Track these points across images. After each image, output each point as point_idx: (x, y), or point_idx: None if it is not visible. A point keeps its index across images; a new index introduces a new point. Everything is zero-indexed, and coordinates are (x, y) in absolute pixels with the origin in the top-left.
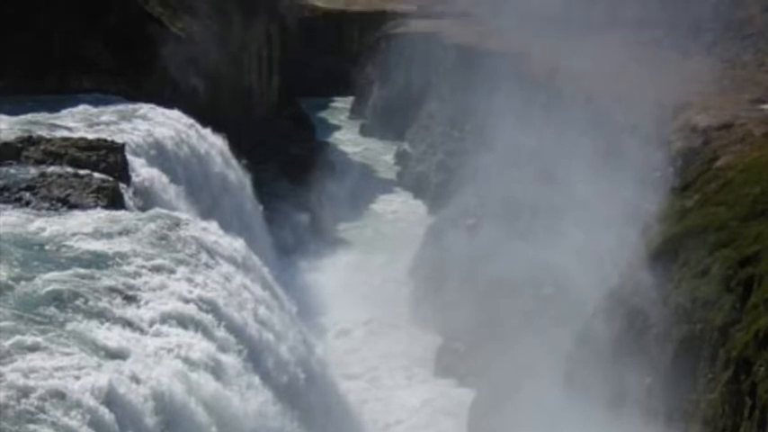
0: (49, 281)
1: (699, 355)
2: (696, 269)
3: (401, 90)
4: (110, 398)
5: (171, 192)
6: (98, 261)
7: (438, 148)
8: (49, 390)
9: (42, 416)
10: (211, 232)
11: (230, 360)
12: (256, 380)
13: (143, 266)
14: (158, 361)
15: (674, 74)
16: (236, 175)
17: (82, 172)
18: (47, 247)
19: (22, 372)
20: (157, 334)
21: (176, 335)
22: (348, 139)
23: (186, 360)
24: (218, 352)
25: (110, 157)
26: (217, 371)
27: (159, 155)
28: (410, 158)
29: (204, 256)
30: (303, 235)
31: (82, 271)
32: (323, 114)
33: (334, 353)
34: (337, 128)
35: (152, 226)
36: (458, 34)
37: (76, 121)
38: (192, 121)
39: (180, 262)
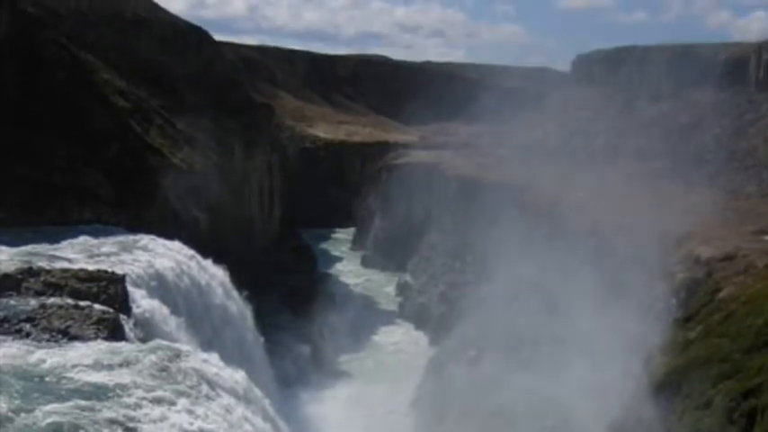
0: (49, 413)
1: None
2: (699, 401)
3: (402, 221)
4: None
5: (171, 323)
6: (98, 393)
7: (439, 279)
8: None
9: None
10: (212, 364)
11: None
12: None
13: (144, 398)
14: None
15: (677, 204)
16: (238, 306)
17: (82, 303)
18: (47, 379)
19: None
20: None
21: None
22: (350, 271)
23: None
24: None
25: (110, 289)
26: None
27: (160, 286)
28: (411, 290)
29: (205, 388)
30: (305, 367)
31: (82, 403)
32: (324, 245)
33: None
34: (339, 259)
35: (153, 357)
36: (459, 165)
37: (77, 252)
38: (192, 252)
39: (181, 394)
